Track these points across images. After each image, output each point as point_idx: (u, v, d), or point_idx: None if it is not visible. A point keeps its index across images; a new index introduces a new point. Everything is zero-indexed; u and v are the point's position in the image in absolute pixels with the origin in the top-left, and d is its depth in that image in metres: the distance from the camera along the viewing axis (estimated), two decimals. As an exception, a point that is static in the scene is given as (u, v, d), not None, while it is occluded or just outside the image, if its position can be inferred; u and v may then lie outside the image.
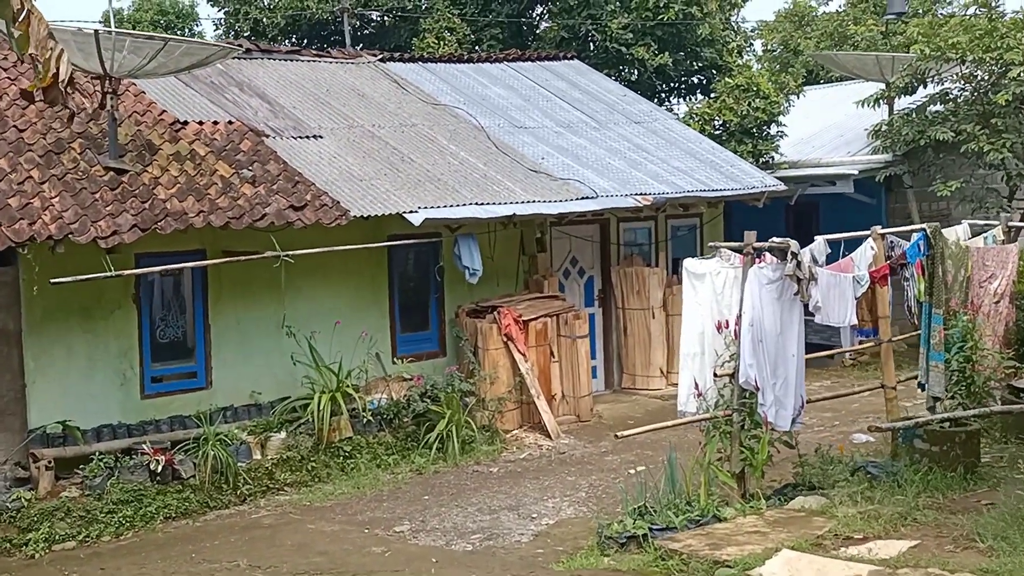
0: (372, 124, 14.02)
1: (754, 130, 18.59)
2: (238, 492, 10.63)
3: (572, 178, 14.23)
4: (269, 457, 11.04)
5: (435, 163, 13.43)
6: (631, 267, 15.18)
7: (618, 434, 9.74)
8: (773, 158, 18.74)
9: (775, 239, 9.98)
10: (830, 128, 20.75)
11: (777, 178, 16.76)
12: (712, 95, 19.05)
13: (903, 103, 18.42)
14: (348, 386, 11.66)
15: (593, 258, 15.25)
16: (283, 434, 11.18)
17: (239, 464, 10.72)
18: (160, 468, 10.14)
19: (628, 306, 15.09)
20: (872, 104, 18.35)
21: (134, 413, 10.78)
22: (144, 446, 10.27)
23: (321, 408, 11.27)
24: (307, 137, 13.12)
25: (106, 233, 9.91)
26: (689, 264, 10.44)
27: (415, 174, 12.97)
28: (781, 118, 18.89)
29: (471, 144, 14.34)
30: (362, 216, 11.71)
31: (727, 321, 10.04)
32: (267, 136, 12.68)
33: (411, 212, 12.02)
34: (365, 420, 11.70)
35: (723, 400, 10.14)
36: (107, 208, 10.19)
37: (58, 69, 9.08)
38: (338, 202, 11.70)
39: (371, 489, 11.14)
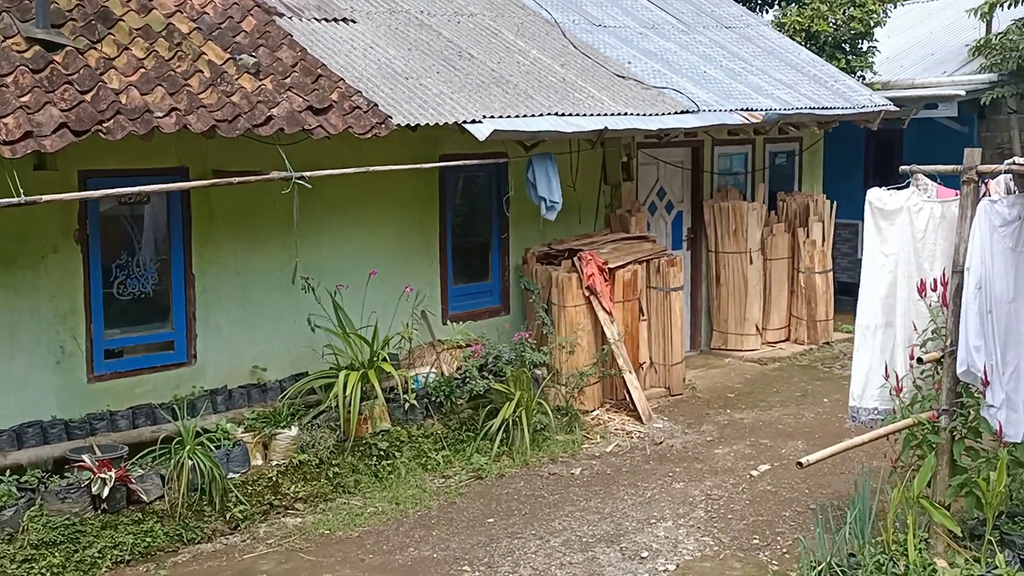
0: (420, 10, 9.22)
1: (847, 44, 13.75)
2: (227, 516, 6.25)
3: (667, 87, 9.51)
4: (274, 462, 6.63)
5: (501, 61, 8.69)
6: (726, 201, 10.56)
7: (803, 461, 5.31)
8: (865, 77, 13.92)
9: (1018, 159, 5.61)
10: (919, 45, 15.78)
11: (874, 100, 12.01)
12: (802, 2, 14.10)
13: (1010, 15, 13.60)
14: (385, 358, 7.21)
15: (683, 189, 10.60)
16: (294, 429, 6.75)
17: (230, 475, 6.34)
18: (107, 490, 5.75)
19: (722, 249, 10.51)
20: (982, 15, 13.46)
21: (78, 403, 6.31)
22: (85, 458, 5.86)
23: (349, 391, 6.83)
24: (335, 20, 8.36)
25: (14, 135, 5.32)
26: (876, 197, 6.10)
27: (477, 74, 8.26)
28: (877, 31, 14.02)
29: (543, 41, 9.56)
30: (408, 125, 7.07)
31: (934, 281, 5.78)
32: (280, 15, 7.94)
33: (474, 122, 7.37)
34: (407, 405, 7.27)
35: (921, 396, 5.88)
36: (21, 98, 5.57)
37: None
38: (375, 105, 7.05)
39: (415, 506, 6.77)
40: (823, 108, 10.55)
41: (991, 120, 13.75)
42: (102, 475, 5.74)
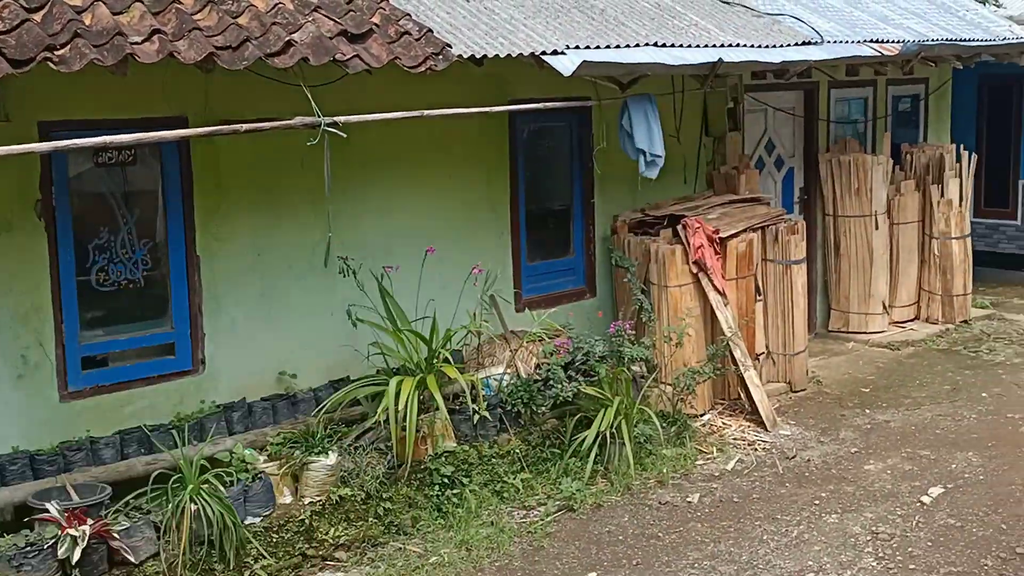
0: (477, -73, 7.35)
1: (967, -26, 11.50)
2: (246, 576, 4.60)
3: (782, 13, 7.53)
4: (307, 500, 4.94)
5: (582, -18, 6.80)
6: (846, 154, 8.56)
7: None
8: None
9: None
10: (1042, -23, 13.49)
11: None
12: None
13: None
14: (447, 358, 5.45)
15: (795, 141, 8.62)
16: (333, 455, 5.02)
17: (249, 520, 4.66)
18: (78, 552, 4.10)
19: (842, 212, 8.52)
20: None
21: (48, 429, 4.62)
22: (49, 507, 4.22)
23: (403, 402, 5.09)
24: (375, -64, 6.54)
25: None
26: None
27: (553, -4, 6.40)
28: (1000, -42, 11.78)
29: (629, -39, 7.63)
30: (472, 57, 5.25)
31: None
32: (307, -71, 6.14)
33: (556, 53, 5.52)
34: (476, 417, 5.52)
35: None
36: (-61, 18, 3.90)
37: None
38: (430, 31, 5.24)
39: (490, 552, 5.02)
40: (963, 40, 8.46)
41: None
42: (72, 531, 4.10)
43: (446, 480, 5.31)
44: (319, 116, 4.59)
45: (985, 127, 12.08)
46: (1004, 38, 8.98)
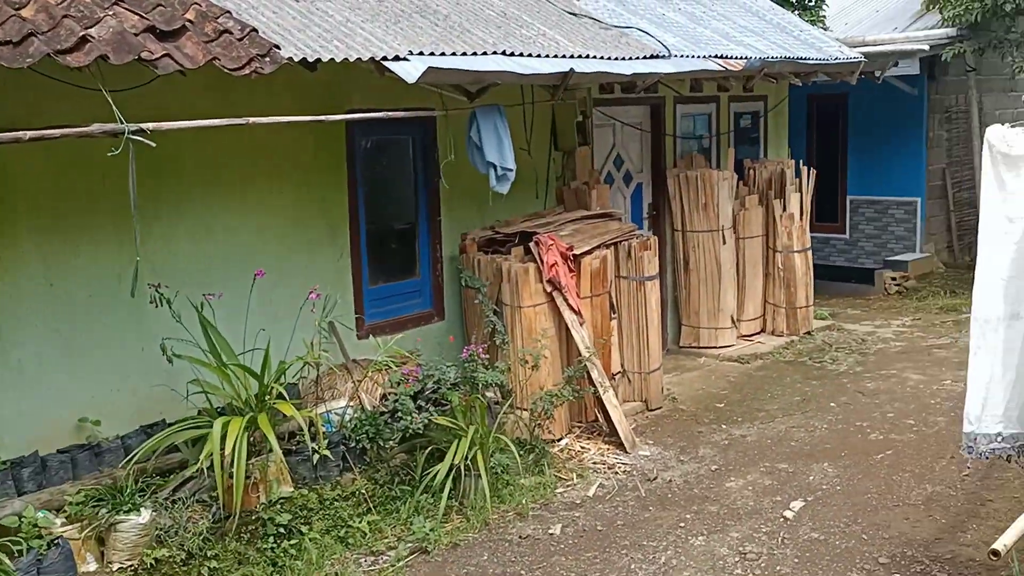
0: (310, -75, 6.86)
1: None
2: (39, 664, 3.90)
3: (629, 26, 7.47)
4: (116, 566, 4.27)
5: (424, -13, 6.45)
6: (693, 170, 8.62)
7: (998, 549, 3.41)
8: (817, 35, 12.25)
9: None
10: (861, 2, 14.37)
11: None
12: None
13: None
14: (281, 394, 4.91)
15: (643, 156, 8.59)
16: (146, 512, 4.38)
17: (43, 597, 3.97)
18: None
19: (690, 227, 8.56)
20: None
21: None
22: None
23: (229, 446, 4.52)
24: (193, -72, 5.93)
25: None
26: (998, 137, 4.15)
27: (393, 1, 6.00)
28: (826, -16, 12.41)
29: (473, -33, 7.35)
30: (304, 61, 4.77)
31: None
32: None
33: (399, 59, 5.12)
34: (316, 457, 5.01)
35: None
36: None
37: None
38: (254, 30, 4.72)
39: (334, 610, 4.56)
40: (800, 59, 8.72)
41: (941, 81, 12.35)
42: None
43: (282, 530, 4.77)
44: (122, 122, 4.00)
45: (815, 145, 12.72)
46: (836, 58, 9.35)
